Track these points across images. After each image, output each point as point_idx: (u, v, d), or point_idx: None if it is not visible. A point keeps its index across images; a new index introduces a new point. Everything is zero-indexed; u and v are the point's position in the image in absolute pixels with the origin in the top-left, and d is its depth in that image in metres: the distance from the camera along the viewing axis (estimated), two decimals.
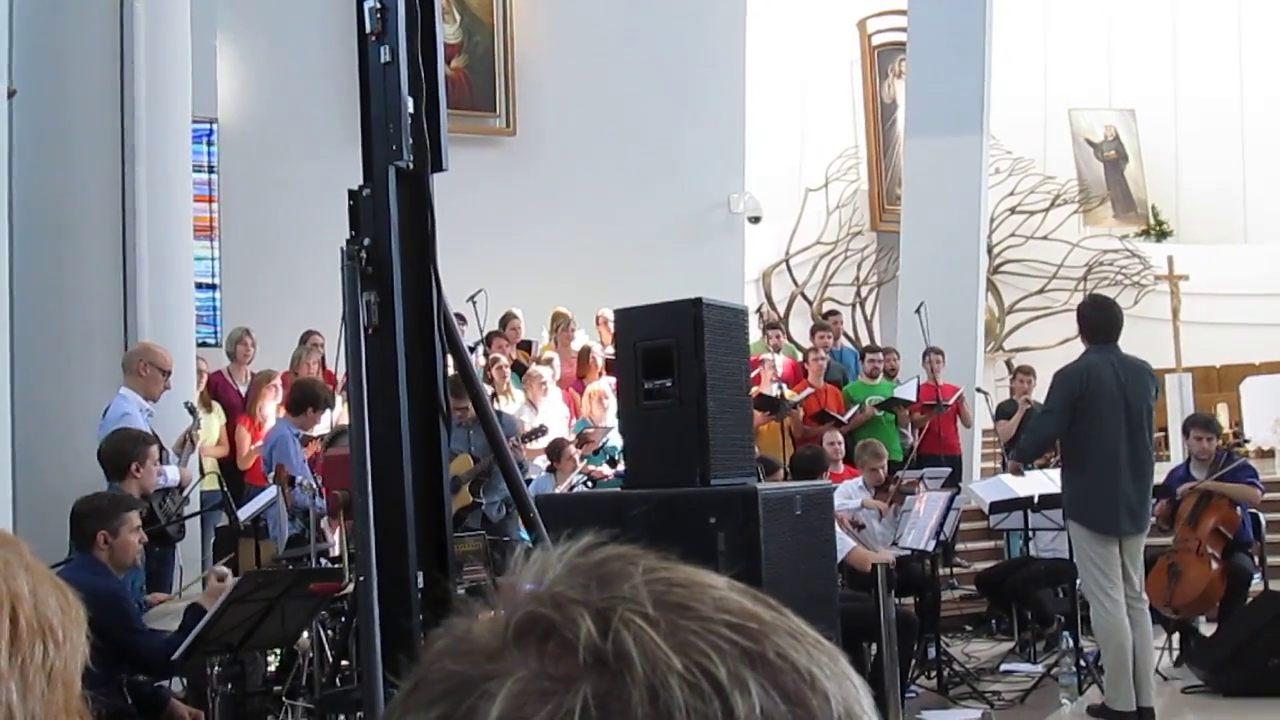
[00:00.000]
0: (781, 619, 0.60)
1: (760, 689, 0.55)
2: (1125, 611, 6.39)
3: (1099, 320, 6.65)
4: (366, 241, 3.82)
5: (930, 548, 7.59)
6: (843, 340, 13.69)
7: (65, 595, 1.10)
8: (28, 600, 1.05)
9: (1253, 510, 8.27)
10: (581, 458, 8.74)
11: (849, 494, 8.05)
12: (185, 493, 6.74)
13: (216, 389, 8.95)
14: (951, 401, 10.67)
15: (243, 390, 9.08)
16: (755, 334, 11.06)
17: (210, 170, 10.84)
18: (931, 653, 7.73)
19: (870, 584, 6.41)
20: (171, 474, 6.69)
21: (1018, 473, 7.53)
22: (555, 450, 8.49)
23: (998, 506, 8.15)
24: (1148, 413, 6.59)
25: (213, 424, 8.21)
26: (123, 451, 5.85)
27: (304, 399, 7.63)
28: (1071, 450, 6.61)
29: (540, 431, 8.63)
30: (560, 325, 11.09)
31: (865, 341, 16.52)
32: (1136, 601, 6.49)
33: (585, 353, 10.38)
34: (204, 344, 9.30)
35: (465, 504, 7.85)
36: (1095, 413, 6.39)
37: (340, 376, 6.96)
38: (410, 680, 0.60)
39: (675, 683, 0.54)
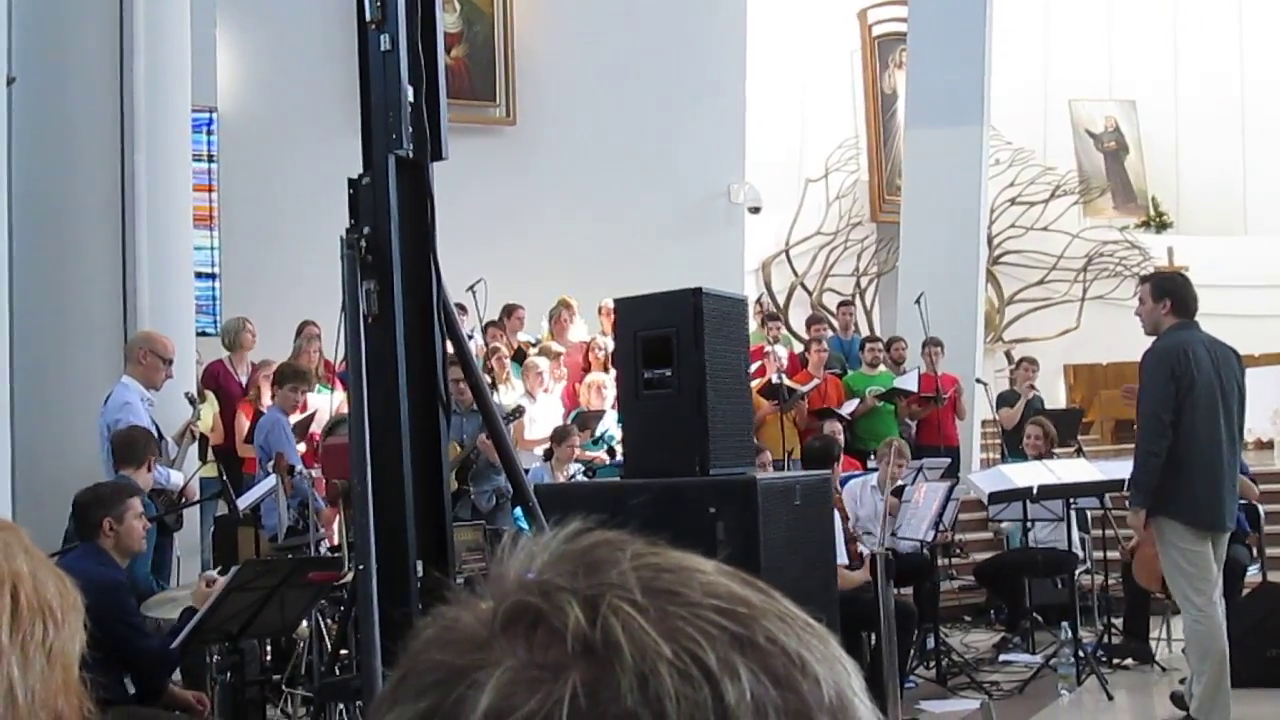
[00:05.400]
0: (771, 602, 0.59)
1: (750, 674, 0.55)
2: (1222, 616, 5.81)
3: (1185, 294, 5.95)
4: (366, 230, 3.82)
5: (930, 538, 7.56)
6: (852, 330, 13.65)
7: (63, 581, 1.11)
8: (28, 580, 1.05)
9: (1253, 503, 8.32)
10: (580, 444, 8.72)
11: (859, 499, 7.93)
12: (182, 500, 6.77)
13: (217, 378, 8.95)
14: (949, 395, 10.67)
15: (244, 380, 9.09)
16: (752, 325, 11.04)
17: (210, 159, 10.82)
18: (930, 643, 7.74)
19: (869, 575, 6.36)
20: (176, 478, 6.71)
21: (1138, 520, 5.96)
22: (559, 436, 8.47)
23: (996, 497, 8.14)
24: (1240, 399, 6.07)
25: (206, 413, 8.24)
26: (144, 443, 5.95)
27: (280, 379, 8.01)
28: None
29: (518, 412, 8.62)
30: (555, 314, 11.05)
31: (865, 332, 16.52)
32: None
33: (589, 346, 10.36)
34: (203, 333, 9.29)
35: (451, 491, 7.85)
36: (1192, 396, 5.80)
37: (339, 365, 6.96)
38: (399, 671, 0.59)
39: (665, 670, 0.54)
